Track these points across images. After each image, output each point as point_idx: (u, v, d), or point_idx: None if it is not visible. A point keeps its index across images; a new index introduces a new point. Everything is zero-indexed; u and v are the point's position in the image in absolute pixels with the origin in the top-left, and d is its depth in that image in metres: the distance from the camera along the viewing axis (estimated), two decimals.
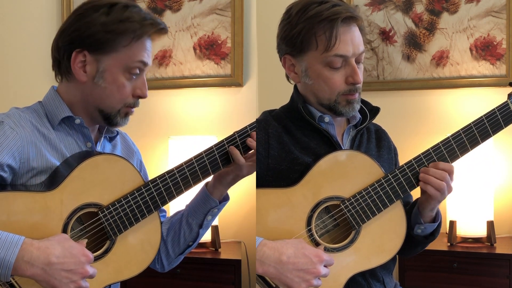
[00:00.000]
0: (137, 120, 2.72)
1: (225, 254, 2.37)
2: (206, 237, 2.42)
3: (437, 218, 1.51)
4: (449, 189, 1.43)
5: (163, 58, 2.70)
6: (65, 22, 1.41)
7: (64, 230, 1.30)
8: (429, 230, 1.52)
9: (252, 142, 1.43)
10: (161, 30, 1.42)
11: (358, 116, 1.56)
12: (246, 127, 1.44)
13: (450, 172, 1.42)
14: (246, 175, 1.46)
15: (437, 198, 1.43)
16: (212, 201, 1.49)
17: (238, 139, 1.43)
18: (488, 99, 2.49)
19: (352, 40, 1.46)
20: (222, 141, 1.43)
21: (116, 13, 1.36)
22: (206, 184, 1.52)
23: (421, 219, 1.49)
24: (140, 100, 1.46)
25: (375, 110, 1.58)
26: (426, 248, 1.62)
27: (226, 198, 1.54)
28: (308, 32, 1.45)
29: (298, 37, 1.47)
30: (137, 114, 2.70)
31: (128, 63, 1.38)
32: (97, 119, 1.44)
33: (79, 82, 1.40)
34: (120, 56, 1.38)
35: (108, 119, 1.43)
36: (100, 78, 1.38)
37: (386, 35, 2.64)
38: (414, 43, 2.60)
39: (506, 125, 1.44)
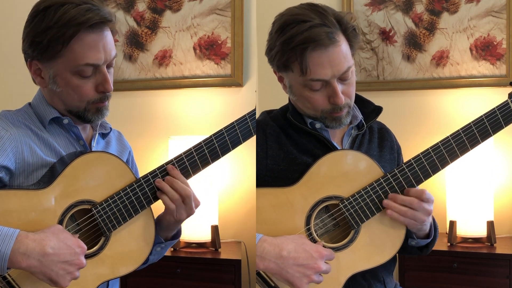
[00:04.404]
0: (137, 120, 2.73)
1: (225, 254, 2.37)
2: (206, 237, 2.42)
3: (430, 234, 1.49)
4: (425, 213, 1.38)
5: (163, 58, 2.70)
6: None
7: None
8: (422, 244, 1.51)
9: (160, 183, 1.39)
10: (97, 24, 1.35)
11: (360, 116, 1.55)
12: (245, 116, 1.46)
13: (417, 199, 1.38)
14: (179, 219, 1.42)
15: (412, 226, 1.41)
16: (157, 237, 1.48)
17: (149, 181, 1.41)
18: (488, 99, 2.49)
19: (330, 62, 1.39)
20: (212, 136, 1.46)
21: (48, 17, 1.34)
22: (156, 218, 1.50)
23: (414, 234, 1.48)
24: (140, 100, 1.47)
25: (377, 111, 1.56)
26: None
27: (175, 237, 1.53)
28: (282, 57, 1.41)
29: (275, 58, 1.44)
30: (137, 114, 2.74)
31: (73, 67, 1.36)
32: (71, 117, 1.45)
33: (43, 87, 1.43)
34: (64, 60, 1.36)
35: (79, 117, 1.44)
36: (53, 84, 1.39)
37: (386, 35, 2.64)
38: (414, 43, 2.60)
39: (506, 124, 1.43)
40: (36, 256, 1.19)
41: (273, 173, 1.45)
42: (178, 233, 1.54)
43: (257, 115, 1.54)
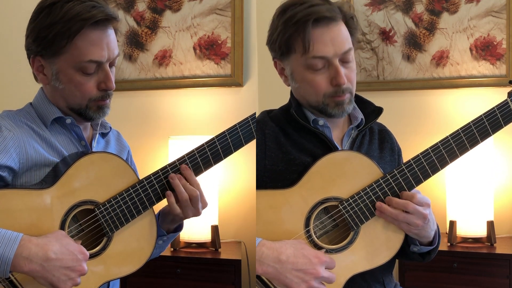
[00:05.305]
0: (137, 120, 2.73)
1: (225, 254, 2.37)
2: (206, 237, 2.42)
3: (434, 242, 1.48)
4: (419, 217, 1.37)
5: (163, 58, 2.70)
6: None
7: (62, 228, 1.31)
8: (425, 250, 1.49)
9: (173, 179, 1.40)
10: (102, 21, 1.37)
11: (360, 117, 1.54)
12: (247, 118, 1.47)
13: (411, 201, 1.37)
14: (185, 218, 1.44)
15: (407, 230, 1.40)
16: (160, 230, 1.48)
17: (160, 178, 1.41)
18: (488, 99, 2.49)
19: (332, 40, 1.40)
20: (214, 138, 1.46)
21: (53, 13, 1.35)
22: (161, 210, 1.51)
23: (416, 241, 1.46)
24: (140, 100, 1.48)
25: (377, 111, 1.55)
26: None
27: (177, 229, 1.53)
28: (284, 36, 1.42)
29: (277, 41, 1.44)
30: (137, 114, 2.74)
31: (77, 63, 1.37)
32: (73, 116, 1.45)
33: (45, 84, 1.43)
34: (67, 56, 1.37)
35: (81, 115, 1.44)
36: (56, 80, 1.40)
37: (386, 35, 2.64)
38: (414, 43, 2.60)
39: (506, 124, 1.43)
40: (38, 260, 1.19)
41: (272, 174, 1.44)
42: (181, 225, 1.54)
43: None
